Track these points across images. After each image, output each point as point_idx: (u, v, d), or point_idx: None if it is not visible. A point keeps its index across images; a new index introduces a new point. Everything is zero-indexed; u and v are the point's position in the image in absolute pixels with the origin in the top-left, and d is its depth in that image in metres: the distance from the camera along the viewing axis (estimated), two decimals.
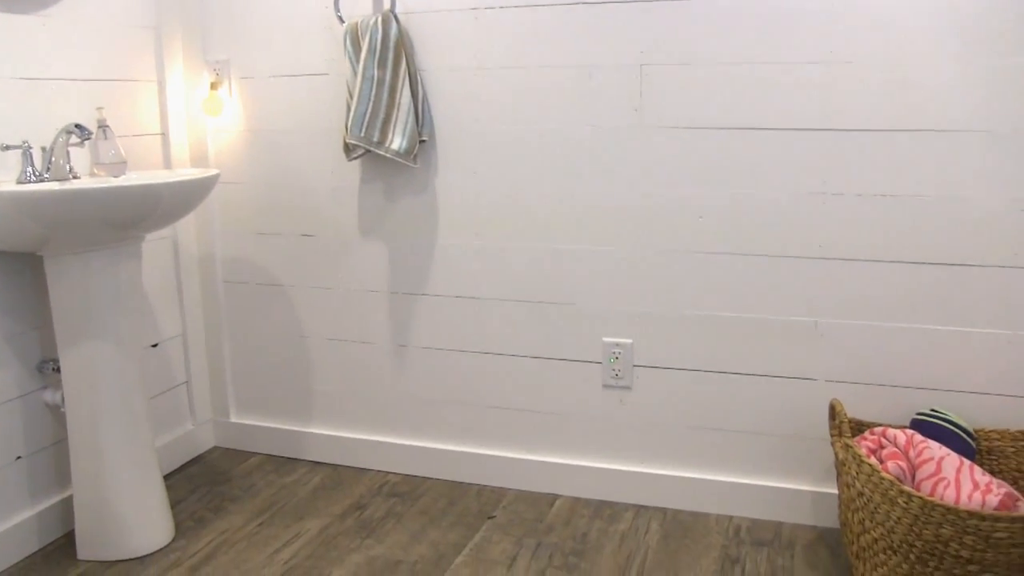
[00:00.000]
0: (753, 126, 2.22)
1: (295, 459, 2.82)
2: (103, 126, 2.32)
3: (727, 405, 2.41)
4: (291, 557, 2.24)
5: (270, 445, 2.86)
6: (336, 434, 2.78)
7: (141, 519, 2.26)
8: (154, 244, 2.65)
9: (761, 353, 2.35)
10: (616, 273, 2.40)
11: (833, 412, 2.13)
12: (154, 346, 2.67)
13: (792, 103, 2.19)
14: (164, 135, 2.64)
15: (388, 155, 2.38)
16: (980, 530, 1.82)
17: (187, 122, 2.71)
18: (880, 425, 2.20)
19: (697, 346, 2.39)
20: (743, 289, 2.32)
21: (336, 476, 2.70)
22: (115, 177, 2.33)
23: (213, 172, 2.29)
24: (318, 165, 2.60)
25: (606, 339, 2.45)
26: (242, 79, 2.64)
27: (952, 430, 2.15)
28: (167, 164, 2.66)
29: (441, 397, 2.65)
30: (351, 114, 2.37)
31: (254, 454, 2.86)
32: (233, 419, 2.90)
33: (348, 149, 2.45)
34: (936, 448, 2.04)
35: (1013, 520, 1.80)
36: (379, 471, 2.74)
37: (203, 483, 2.65)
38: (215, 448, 2.91)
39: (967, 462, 2.01)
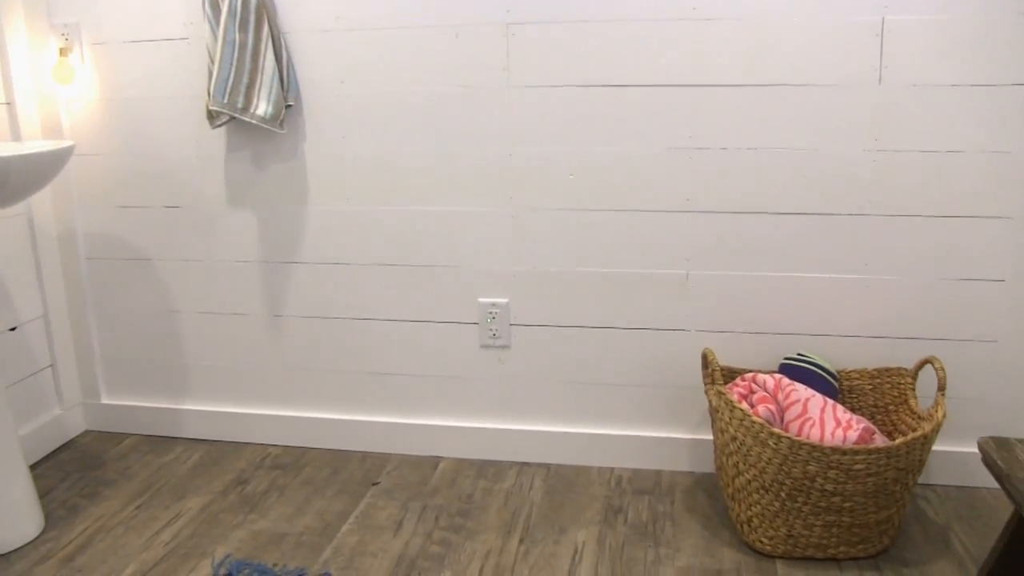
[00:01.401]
0: (619, 83, 2.25)
1: (172, 438, 2.74)
2: None
3: (604, 359, 2.45)
4: (172, 538, 2.19)
5: (145, 425, 2.77)
6: (213, 409, 2.71)
7: (5, 513, 2.16)
8: (7, 221, 2.51)
9: (634, 307, 2.40)
10: (489, 233, 2.41)
11: (705, 361, 2.20)
12: (12, 330, 2.53)
13: (657, 60, 2.22)
14: (10, 105, 2.49)
15: (254, 121, 2.31)
16: (842, 464, 1.91)
17: (36, 91, 2.56)
18: (750, 371, 2.28)
19: (572, 303, 2.42)
20: (614, 244, 2.36)
21: (216, 452, 2.64)
22: None
23: (67, 144, 2.17)
24: (181, 134, 2.51)
25: (482, 299, 2.46)
26: (95, 45, 2.50)
27: (817, 372, 2.25)
28: (15, 136, 2.51)
29: (319, 366, 2.61)
30: (213, 80, 2.28)
31: (128, 435, 2.77)
32: (104, 401, 2.79)
33: (212, 116, 2.37)
34: (803, 390, 2.13)
35: (869, 452, 1.90)
36: (260, 444, 2.69)
37: (75, 469, 2.55)
38: (87, 432, 2.80)
39: (830, 401, 2.10)
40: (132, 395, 2.77)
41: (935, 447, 2.36)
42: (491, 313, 2.46)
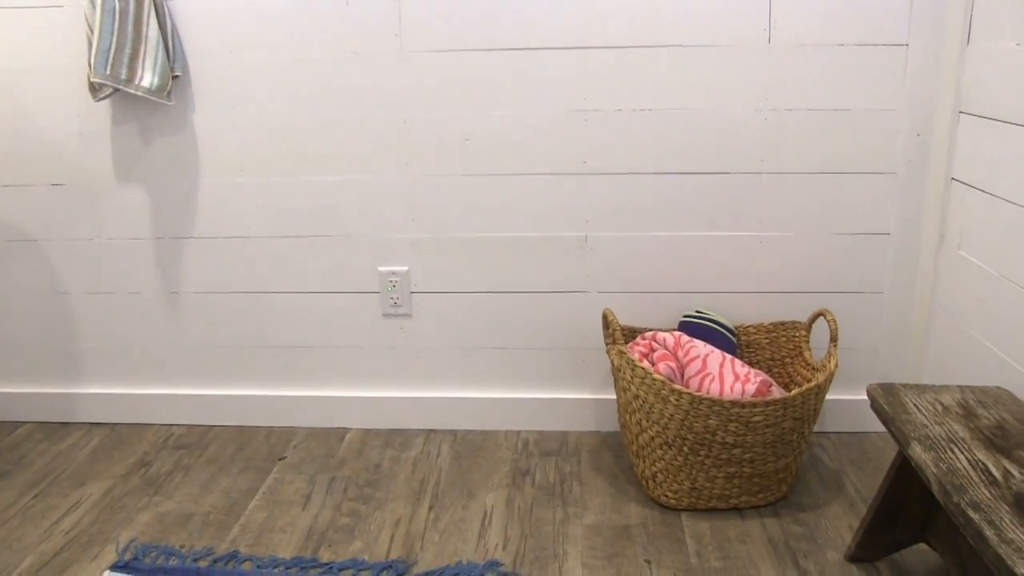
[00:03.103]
0: (513, 46, 2.24)
1: (68, 423, 2.65)
2: None
3: (506, 324, 2.46)
4: (73, 526, 2.12)
5: (38, 412, 2.67)
6: (111, 392, 2.63)
7: None
8: None
9: (534, 270, 2.41)
10: (387, 201, 2.38)
11: (606, 321, 2.22)
12: None
13: (550, 22, 2.21)
14: None
15: (139, 93, 2.23)
16: (741, 416, 1.97)
17: None
18: (651, 330, 2.32)
19: (472, 268, 2.42)
20: (513, 209, 2.36)
21: (116, 435, 2.57)
22: None
23: None
24: (62, 107, 2.40)
25: (382, 268, 2.44)
26: None
27: (715, 328, 2.30)
28: None
29: (219, 342, 2.55)
30: (93, 50, 2.19)
31: (21, 423, 2.67)
32: None
33: (94, 89, 2.27)
34: (702, 346, 2.18)
35: (767, 404, 1.95)
36: (162, 425, 2.62)
37: None
38: None
39: (729, 356, 2.16)
40: (23, 382, 2.67)
41: (829, 396, 2.45)
42: (391, 282, 2.44)
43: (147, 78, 2.23)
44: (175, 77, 2.30)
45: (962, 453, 1.54)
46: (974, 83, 2.08)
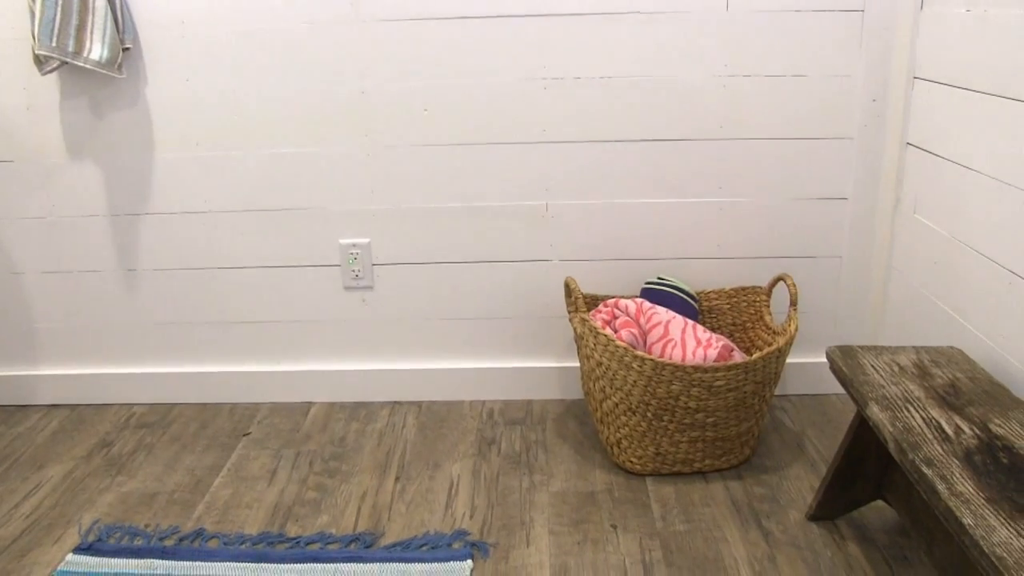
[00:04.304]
0: (471, 14, 2.21)
1: (26, 406, 2.61)
2: None
3: (469, 294, 2.46)
4: (33, 510, 2.09)
5: None
6: (70, 372, 2.59)
7: None
8: None
9: (496, 240, 2.40)
10: (346, 173, 2.36)
11: (568, 289, 2.23)
12: None
13: None
14: None
15: (88, 66, 2.17)
16: (703, 381, 1.98)
17: None
18: (613, 297, 2.33)
19: (434, 239, 2.41)
20: (473, 178, 2.35)
21: (76, 417, 2.54)
22: None
23: None
24: (6, 81, 2.33)
25: (343, 241, 2.42)
26: None
27: (677, 294, 2.31)
28: None
29: (180, 319, 2.52)
30: (37, 21, 2.13)
31: None
32: None
33: (40, 61, 2.21)
34: (664, 312, 2.19)
35: (729, 369, 1.98)
36: (123, 404, 2.60)
37: None
38: None
39: (691, 322, 2.17)
40: None
41: (789, 359, 2.48)
42: (352, 254, 2.42)
43: (96, 50, 2.18)
44: (125, 49, 2.25)
45: (917, 412, 1.57)
46: (927, 48, 2.10)
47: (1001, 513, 1.27)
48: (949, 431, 1.50)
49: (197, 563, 1.86)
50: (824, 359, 2.42)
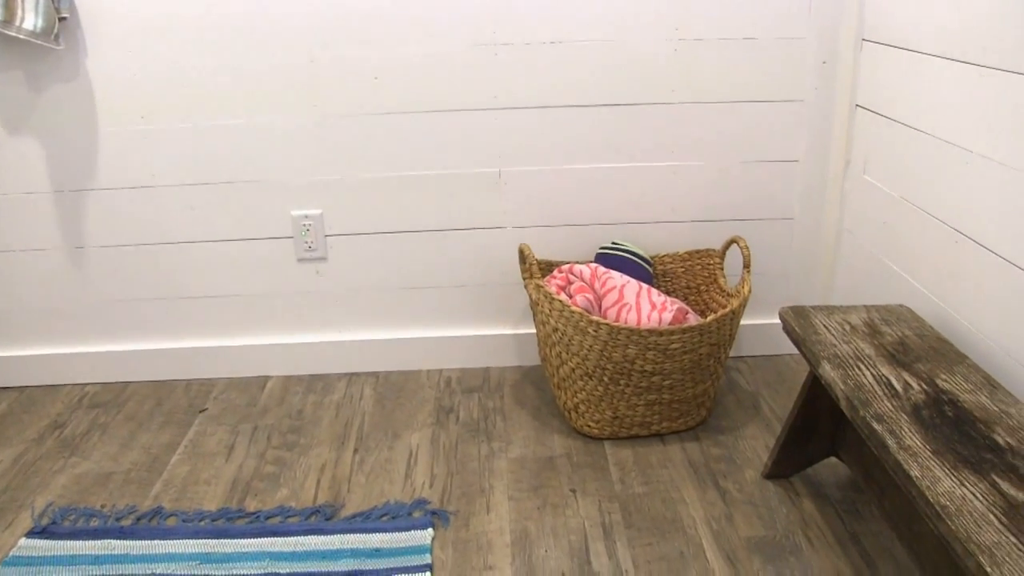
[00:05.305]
0: None
1: None
2: None
3: (423, 263, 2.45)
4: None
5: None
6: (17, 354, 2.54)
7: None
8: None
9: (450, 208, 2.39)
10: (296, 144, 2.32)
11: (523, 256, 2.22)
12: None
13: None
14: None
15: (22, 36, 2.10)
16: (659, 344, 2.00)
17: None
18: (567, 263, 2.33)
19: (387, 208, 2.39)
20: (425, 146, 2.33)
21: (25, 399, 2.49)
22: None
23: None
24: None
25: (295, 212, 2.39)
26: None
27: (631, 259, 2.32)
28: None
29: (131, 296, 2.48)
30: None
31: None
32: None
33: None
34: (618, 277, 2.20)
35: (684, 331, 1.99)
36: (75, 384, 2.55)
37: None
38: None
39: (645, 286, 2.18)
40: None
41: (743, 321, 2.50)
42: (305, 225, 2.40)
43: (29, 19, 2.10)
44: (62, 19, 2.17)
45: (868, 369, 1.59)
46: (876, 11, 2.11)
47: (946, 464, 1.30)
48: (898, 387, 1.53)
49: (156, 541, 1.85)
50: (777, 320, 2.45)
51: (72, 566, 1.80)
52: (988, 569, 1.09)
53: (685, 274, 2.41)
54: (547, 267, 2.36)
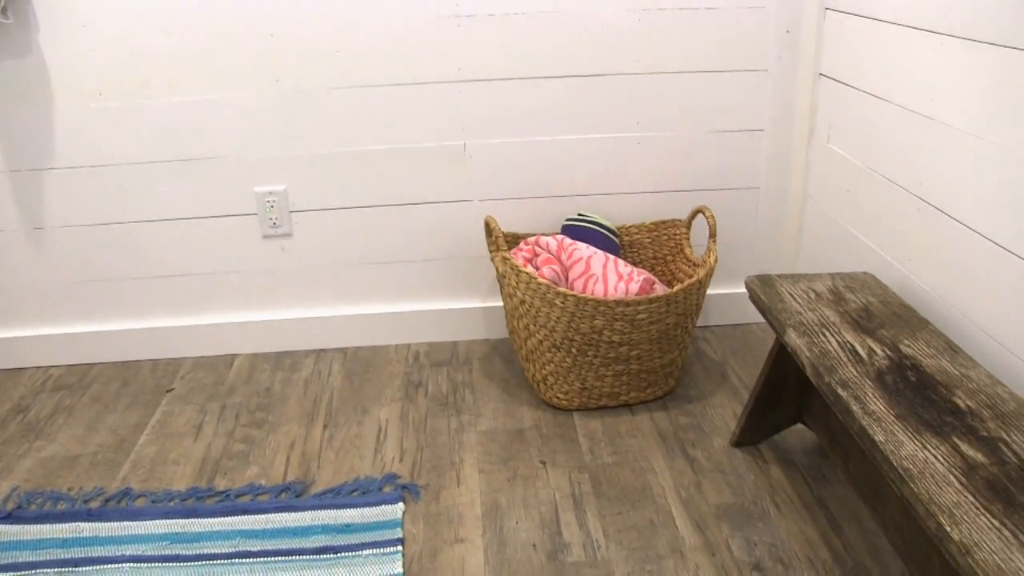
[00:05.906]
0: None
1: None
2: None
3: (389, 237, 2.43)
4: None
5: None
6: None
7: None
8: None
9: (415, 182, 2.38)
10: (259, 119, 2.29)
11: (489, 229, 2.22)
12: None
13: None
14: None
15: None
16: (626, 315, 2.01)
17: None
18: (533, 235, 2.33)
19: (352, 183, 2.37)
20: (389, 120, 2.31)
21: None
22: None
23: None
24: None
25: (258, 188, 2.36)
26: None
27: (597, 230, 2.32)
28: None
29: (94, 276, 2.45)
30: None
31: None
32: None
33: None
34: (585, 248, 2.20)
35: (651, 302, 2.00)
36: (38, 367, 2.52)
37: None
38: None
39: (612, 257, 2.19)
40: None
41: (710, 291, 2.52)
42: (269, 202, 2.37)
43: None
44: None
45: (833, 336, 1.61)
46: None
47: (909, 428, 1.32)
48: (863, 353, 1.55)
49: (125, 523, 1.84)
50: (744, 289, 2.47)
51: (40, 550, 1.78)
52: (948, 528, 1.11)
53: (651, 244, 2.41)
54: (514, 239, 2.35)
